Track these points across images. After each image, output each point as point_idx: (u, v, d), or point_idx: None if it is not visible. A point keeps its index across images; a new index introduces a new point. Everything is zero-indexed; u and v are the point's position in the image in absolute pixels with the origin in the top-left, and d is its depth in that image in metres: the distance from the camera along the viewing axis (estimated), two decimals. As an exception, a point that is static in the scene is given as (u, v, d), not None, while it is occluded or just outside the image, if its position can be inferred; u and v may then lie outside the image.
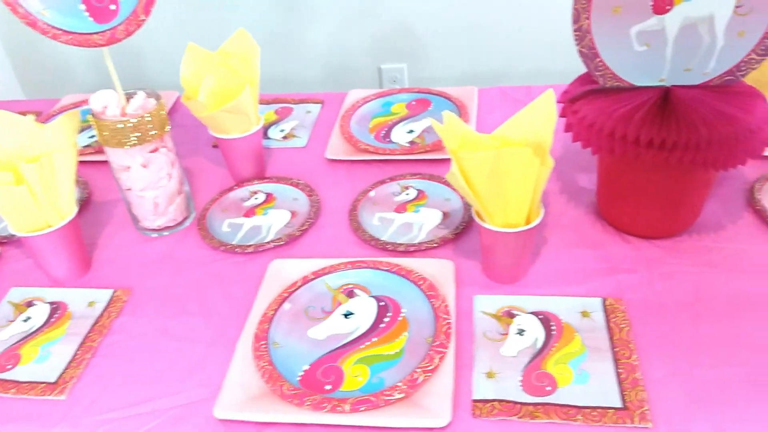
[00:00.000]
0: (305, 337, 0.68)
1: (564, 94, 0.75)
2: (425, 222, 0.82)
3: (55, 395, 0.65)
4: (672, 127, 0.65)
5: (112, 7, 0.71)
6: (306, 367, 0.65)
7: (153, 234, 0.85)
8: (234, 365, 0.65)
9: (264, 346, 0.66)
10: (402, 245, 0.78)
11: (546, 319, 0.67)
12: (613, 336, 0.65)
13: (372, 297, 0.72)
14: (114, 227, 0.88)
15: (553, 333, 0.66)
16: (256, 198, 0.91)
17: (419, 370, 0.62)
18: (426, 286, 0.71)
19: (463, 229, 0.80)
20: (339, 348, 0.67)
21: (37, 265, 0.80)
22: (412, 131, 1.01)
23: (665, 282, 0.71)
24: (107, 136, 0.76)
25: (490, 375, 0.62)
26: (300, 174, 0.94)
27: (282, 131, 1.06)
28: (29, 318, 0.74)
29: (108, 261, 0.82)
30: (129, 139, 0.76)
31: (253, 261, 0.79)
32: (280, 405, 0.61)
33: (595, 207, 0.82)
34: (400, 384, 0.61)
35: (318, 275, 0.74)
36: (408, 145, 0.97)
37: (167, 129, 0.80)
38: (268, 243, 0.81)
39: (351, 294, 0.73)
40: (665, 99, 0.68)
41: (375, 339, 0.67)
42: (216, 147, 1.01)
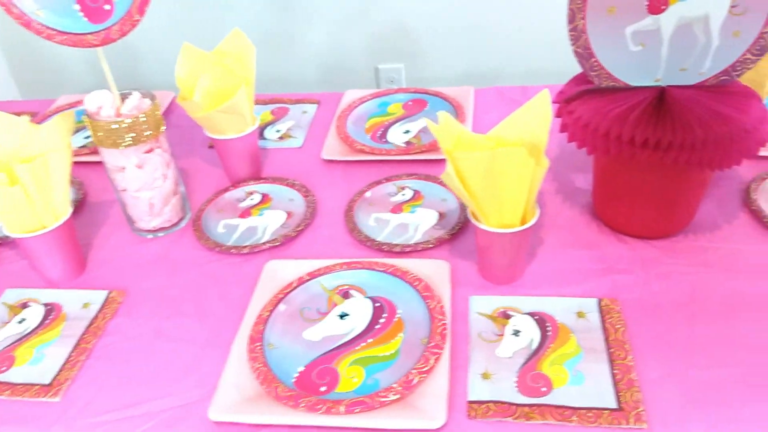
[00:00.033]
0: (300, 339, 0.68)
1: (559, 94, 0.74)
2: (421, 222, 0.82)
3: (50, 397, 0.65)
4: (667, 127, 0.65)
5: (106, 8, 0.71)
6: (301, 369, 0.65)
7: (148, 235, 0.85)
8: (229, 367, 0.65)
9: (259, 347, 0.66)
10: (398, 246, 0.78)
11: (541, 320, 0.67)
12: (609, 336, 0.65)
13: (368, 298, 0.72)
14: (109, 228, 0.87)
15: (549, 334, 0.66)
16: (251, 199, 0.90)
17: (414, 371, 0.62)
18: (422, 286, 0.71)
19: (459, 230, 0.80)
20: (334, 349, 0.66)
21: (32, 267, 0.80)
22: (408, 131, 1.01)
23: (661, 282, 0.71)
24: (102, 136, 0.76)
25: (485, 376, 0.62)
26: (296, 174, 0.94)
27: (278, 131, 1.06)
28: (24, 319, 0.74)
29: (103, 262, 0.82)
30: (124, 140, 0.76)
31: (249, 262, 0.79)
32: (275, 406, 0.61)
33: (591, 207, 0.82)
34: (395, 385, 0.61)
35: (313, 276, 0.74)
36: (404, 146, 0.97)
37: (162, 129, 0.80)
38: (263, 244, 0.81)
39: (346, 295, 0.72)
40: (660, 99, 0.67)
41: (370, 340, 0.67)
42: (212, 147, 1.01)
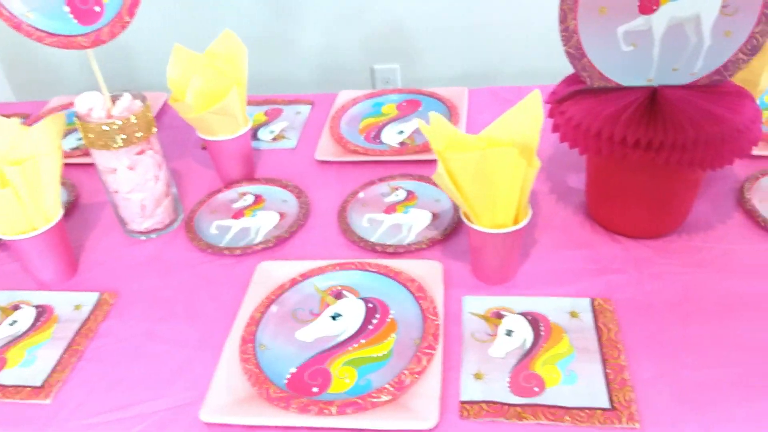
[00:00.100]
0: (293, 340, 0.68)
1: (552, 94, 0.74)
2: (414, 223, 0.82)
3: (41, 399, 0.64)
4: (659, 128, 0.65)
5: (96, 9, 0.71)
6: (293, 370, 0.64)
7: (140, 236, 0.85)
8: (221, 368, 0.65)
9: (251, 348, 0.66)
10: (391, 246, 0.78)
11: (534, 320, 0.67)
12: (602, 336, 0.64)
13: (360, 299, 0.72)
14: (101, 230, 0.87)
15: (542, 334, 0.65)
16: (244, 200, 0.90)
17: (407, 371, 0.62)
18: (415, 287, 0.71)
19: (452, 230, 0.80)
20: (327, 350, 0.66)
21: (23, 269, 0.79)
22: (402, 132, 1.01)
23: (654, 282, 0.71)
24: (93, 138, 0.75)
25: (478, 376, 0.62)
26: (289, 175, 0.94)
27: (272, 132, 1.05)
28: (15, 321, 0.74)
29: (95, 264, 0.82)
30: (115, 141, 0.75)
31: (242, 263, 0.79)
32: (266, 408, 0.60)
33: (584, 207, 0.82)
34: (387, 386, 0.61)
35: (306, 277, 0.74)
36: (398, 146, 0.97)
37: (154, 131, 0.79)
38: (256, 245, 0.80)
39: (339, 296, 0.72)
40: (652, 99, 0.67)
41: (363, 341, 0.67)
42: (205, 149, 1.01)
